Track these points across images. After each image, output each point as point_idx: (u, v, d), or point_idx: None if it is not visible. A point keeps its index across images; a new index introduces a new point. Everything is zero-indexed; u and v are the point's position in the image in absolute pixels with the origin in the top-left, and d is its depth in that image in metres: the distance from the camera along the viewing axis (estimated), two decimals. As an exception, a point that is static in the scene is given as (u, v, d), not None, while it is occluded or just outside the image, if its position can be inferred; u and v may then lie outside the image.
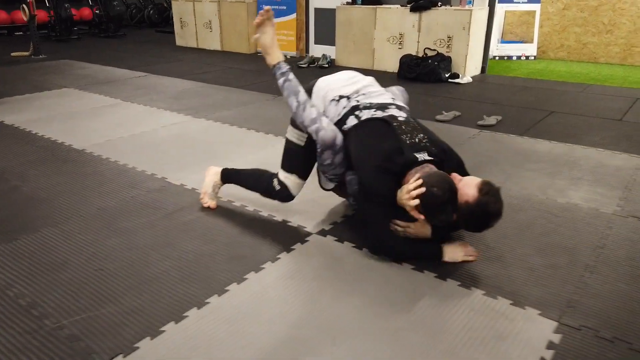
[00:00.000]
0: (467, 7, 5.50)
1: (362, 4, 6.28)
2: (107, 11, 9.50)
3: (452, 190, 1.80)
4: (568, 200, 2.52)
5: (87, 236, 2.14)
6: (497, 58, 6.94)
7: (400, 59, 5.68)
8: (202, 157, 3.09)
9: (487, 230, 1.87)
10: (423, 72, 5.47)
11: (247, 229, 2.22)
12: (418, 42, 5.82)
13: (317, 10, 7.15)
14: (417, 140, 1.95)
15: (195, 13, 8.11)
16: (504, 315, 1.66)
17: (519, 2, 6.86)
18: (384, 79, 5.68)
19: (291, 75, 2.16)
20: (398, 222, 1.97)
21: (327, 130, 2.04)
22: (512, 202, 2.49)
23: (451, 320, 1.63)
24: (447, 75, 5.48)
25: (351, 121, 2.06)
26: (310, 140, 2.14)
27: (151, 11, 11.39)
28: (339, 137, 2.05)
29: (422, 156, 1.90)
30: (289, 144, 2.24)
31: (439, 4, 5.69)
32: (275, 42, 2.20)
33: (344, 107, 2.11)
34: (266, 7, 2.14)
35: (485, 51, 5.93)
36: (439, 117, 4.03)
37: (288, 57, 7.31)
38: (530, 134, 3.61)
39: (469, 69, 5.68)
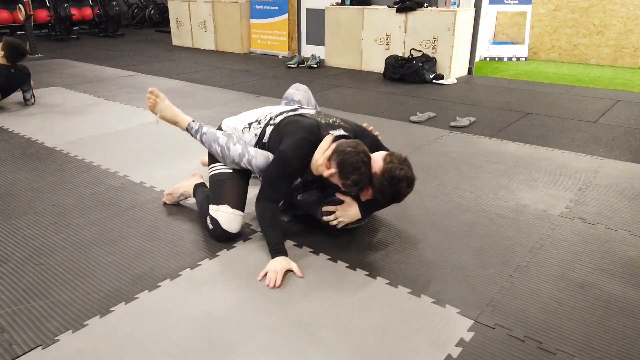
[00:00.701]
0: (451, 8, 5.51)
1: (351, 4, 6.31)
2: (107, 11, 9.63)
3: (366, 153, 1.90)
4: (518, 201, 2.54)
5: (36, 231, 2.21)
6: (487, 59, 6.93)
7: (386, 60, 5.71)
8: (169, 156, 3.15)
9: (403, 199, 1.95)
10: (407, 73, 5.49)
11: (194, 227, 2.27)
12: (404, 42, 5.84)
13: (308, 10, 7.19)
14: (331, 121, 2.13)
15: (190, 13, 8.19)
16: (422, 313, 1.69)
17: (510, 3, 6.84)
18: (371, 79, 5.72)
19: (204, 129, 2.24)
20: (328, 208, 2.05)
21: (257, 157, 2.10)
22: (461, 203, 2.52)
23: (369, 317, 1.67)
24: (431, 77, 5.50)
25: (269, 129, 2.16)
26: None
27: (152, 11, 11.51)
28: (270, 157, 2.10)
29: (337, 132, 2.07)
30: (213, 177, 2.17)
31: (425, 5, 5.71)
32: (175, 110, 2.28)
33: (259, 126, 2.20)
34: (150, 89, 2.25)
35: (472, 52, 5.93)
36: (413, 118, 4.05)
37: (280, 57, 7.37)
38: (500, 135, 3.62)
39: (455, 70, 5.69)
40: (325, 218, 2.07)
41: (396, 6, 5.78)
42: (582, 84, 5.43)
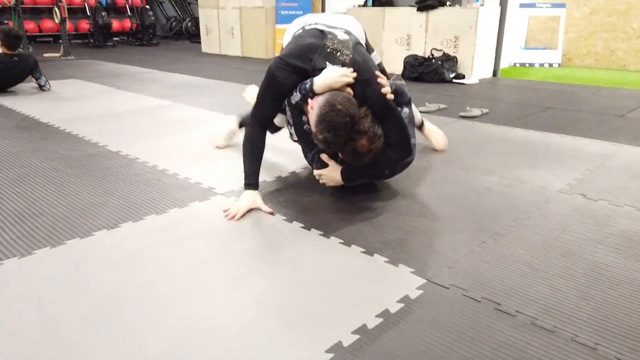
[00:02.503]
0: (474, 5, 5.29)
1: (373, 5, 6.20)
2: (143, 21, 9.94)
3: (352, 118, 1.74)
4: (514, 178, 2.28)
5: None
6: (517, 65, 6.62)
7: (404, 59, 5.52)
8: (155, 134, 3.07)
9: (361, 157, 1.85)
10: (426, 72, 5.29)
11: (153, 184, 2.15)
12: (425, 42, 5.65)
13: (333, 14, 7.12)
14: (337, 53, 1.89)
15: (219, 20, 8.31)
16: (369, 270, 1.48)
17: (542, 7, 6.55)
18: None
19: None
20: (318, 172, 2.01)
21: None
22: (448, 177, 2.29)
23: (306, 269, 1.47)
24: (451, 76, 5.27)
25: (296, 31, 2.10)
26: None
27: (189, 23, 11.80)
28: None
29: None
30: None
31: (447, 3, 5.52)
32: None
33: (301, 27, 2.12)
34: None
35: (497, 53, 5.66)
36: (421, 108, 3.84)
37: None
38: (511, 124, 3.35)
39: (478, 70, 5.44)
40: (315, 176, 2.05)
41: (417, 5, 5.62)
42: (617, 85, 5.05)
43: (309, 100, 1.84)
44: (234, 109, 3.76)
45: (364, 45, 2.20)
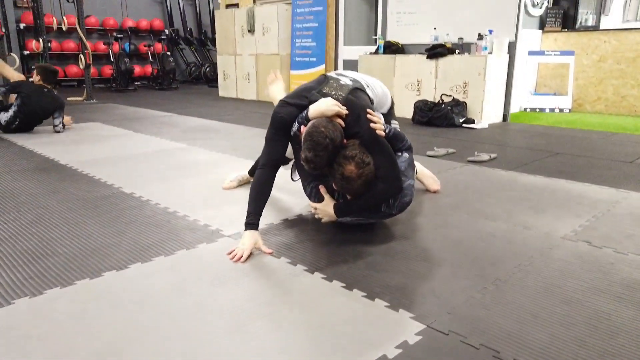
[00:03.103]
0: (482, 53, 5.43)
1: (384, 53, 6.39)
2: (163, 66, 10.33)
3: (333, 142, 1.85)
4: (518, 224, 2.30)
5: (12, 226, 2.23)
6: (528, 110, 6.70)
7: (414, 104, 5.64)
8: (171, 175, 3.16)
9: (352, 190, 1.93)
10: (435, 116, 5.38)
11: (163, 226, 2.21)
12: (435, 88, 5.78)
13: (345, 61, 7.36)
14: (333, 92, 2.06)
15: (236, 66, 8.61)
16: (370, 315, 1.49)
17: (551, 54, 6.67)
18: (401, 124, 5.63)
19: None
20: (313, 204, 2.09)
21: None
22: (452, 222, 2.31)
23: (309, 313, 1.49)
24: (461, 120, 5.35)
25: None
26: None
27: (207, 68, 12.21)
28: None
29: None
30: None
31: (456, 51, 5.67)
32: (277, 94, 2.45)
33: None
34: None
35: (507, 99, 5.75)
36: (429, 152, 3.90)
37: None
38: (519, 169, 3.38)
39: (487, 115, 5.52)
40: (311, 209, 2.15)
41: (427, 53, 5.79)
42: (628, 131, 5.07)
43: (302, 127, 1.95)
44: (247, 151, 3.87)
45: (387, 109, 2.46)
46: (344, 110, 1.97)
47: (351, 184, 1.90)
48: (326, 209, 2.06)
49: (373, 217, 2.14)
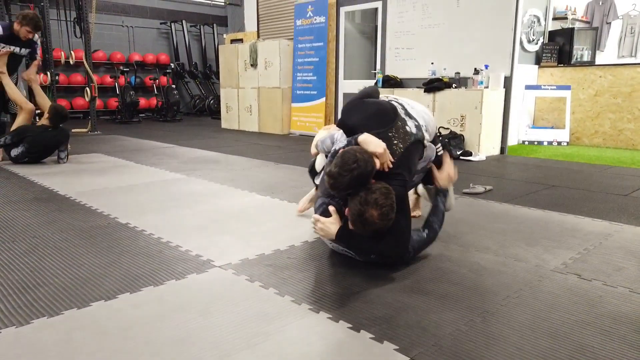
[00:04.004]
0: (479, 87, 5.52)
1: (382, 87, 6.50)
2: (168, 99, 10.52)
3: (361, 167, 1.89)
4: (509, 256, 2.30)
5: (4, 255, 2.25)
6: (526, 143, 6.75)
7: (413, 137, 5.69)
8: (167, 206, 3.20)
9: (369, 227, 1.90)
10: (433, 149, 5.42)
11: (154, 256, 2.22)
12: (433, 121, 5.85)
13: (345, 94, 7.48)
14: (395, 141, 2.11)
15: (239, 98, 8.77)
16: (354, 346, 1.49)
17: (547, 89, 6.77)
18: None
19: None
20: (317, 217, 2.08)
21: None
22: (442, 253, 2.32)
23: (291, 344, 1.49)
24: (459, 153, 5.39)
25: None
26: None
27: (212, 101, 12.42)
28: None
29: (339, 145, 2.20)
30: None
31: (453, 85, 5.77)
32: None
33: None
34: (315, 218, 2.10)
35: (504, 132, 5.82)
36: (465, 190, 3.91)
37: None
38: (513, 202, 3.40)
39: (485, 148, 5.57)
40: (312, 218, 2.12)
41: (425, 86, 5.89)
42: (624, 165, 5.10)
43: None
44: (245, 182, 3.90)
45: (430, 140, 2.37)
46: (388, 162, 2.03)
47: (365, 227, 1.90)
48: (330, 227, 2.03)
49: (361, 257, 2.16)
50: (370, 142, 2.02)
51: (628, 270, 2.12)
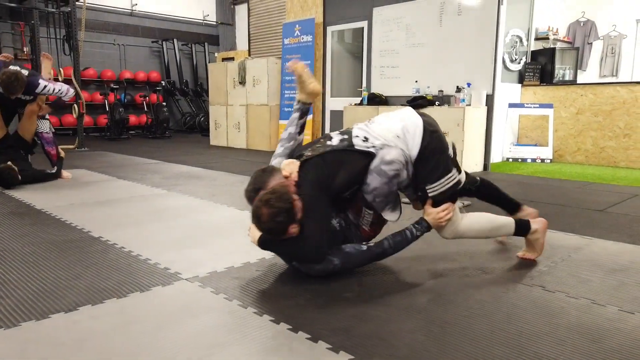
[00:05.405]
0: (461, 105, 5.60)
1: (368, 104, 6.57)
2: (157, 116, 10.56)
3: (258, 188, 2.06)
4: (476, 269, 2.31)
5: (-31, 266, 2.24)
6: (510, 160, 6.82)
7: (396, 153, 5.74)
8: (143, 220, 3.19)
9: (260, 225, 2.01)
10: (416, 166, 5.47)
11: (122, 269, 2.21)
12: (416, 138, 5.90)
13: (332, 112, 7.56)
14: (309, 153, 2.14)
15: (227, 115, 8.82)
16: (314, 358, 1.49)
17: (530, 107, 6.87)
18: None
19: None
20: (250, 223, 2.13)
21: None
22: (410, 266, 2.33)
23: (254, 357, 1.49)
24: (441, 170, 5.43)
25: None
26: None
27: (202, 118, 12.47)
28: None
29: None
30: None
31: (436, 103, 5.85)
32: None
33: None
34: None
35: (487, 149, 5.88)
36: (404, 199, 3.93)
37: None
38: (489, 216, 3.41)
39: (468, 164, 5.62)
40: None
41: (408, 104, 5.96)
42: (604, 181, 5.15)
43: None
44: (226, 198, 3.91)
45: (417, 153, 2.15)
46: (294, 173, 2.07)
47: (259, 225, 2.01)
48: (255, 233, 2.12)
49: (296, 261, 2.17)
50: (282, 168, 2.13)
51: (592, 283, 2.13)
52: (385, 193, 2.17)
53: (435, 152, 2.18)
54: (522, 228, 2.38)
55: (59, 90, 4.52)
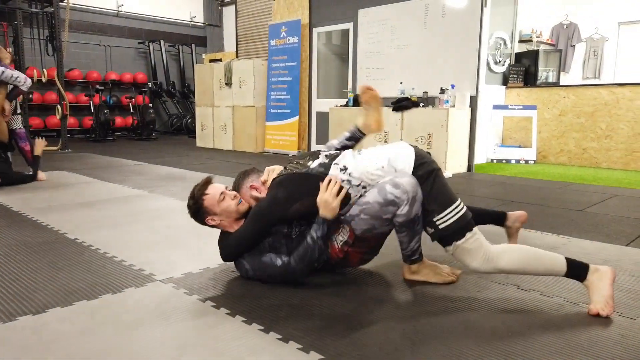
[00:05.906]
0: (445, 106, 5.63)
1: (353, 105, 6.58)
2: (143, 117, 10.49)
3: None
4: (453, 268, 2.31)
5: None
6: (495, 161, 6.86)
7: (381, 155, 5.75)
8: (121, 222, 3.16)
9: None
10: (400, 167, 5.48)
11: (96, 271, 2.19)
12: (401, 139, 5.92)
13: (318, 113, 7.56)
14: (289, 165, 2.22)
15: (213, 117, 8.78)
16: (284, 358, 1.48)
17: (514, 108, 6.92)
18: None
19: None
20: None
21: None
22: (384, 265, 2.33)
23: (223, 357, 1.48)
24: (425, 171, 5.45)
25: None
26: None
27: (189, 120, 12.41)
28: None
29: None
30: None
31: (421, 104, 5.87)
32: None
33: None
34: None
35: (471, 150, 5.91)
36: (386, 201, 3.94)
37: (290, 155, 7.60)
38: (470, 217, 3.43)
39: (451, 165, 5.64)
40: None
41: (393, 106, 5.98)
42: (586, 182, 5.20)
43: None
44: (205, 199, 3.88)
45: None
46: (268, 181, 2.25)
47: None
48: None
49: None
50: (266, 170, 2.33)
51: (567, 281, 2.14)
52: (373, 214, 1.94)
53: (430, 174, 2.05)
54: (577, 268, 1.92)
55: (17, 77, 4.50)
